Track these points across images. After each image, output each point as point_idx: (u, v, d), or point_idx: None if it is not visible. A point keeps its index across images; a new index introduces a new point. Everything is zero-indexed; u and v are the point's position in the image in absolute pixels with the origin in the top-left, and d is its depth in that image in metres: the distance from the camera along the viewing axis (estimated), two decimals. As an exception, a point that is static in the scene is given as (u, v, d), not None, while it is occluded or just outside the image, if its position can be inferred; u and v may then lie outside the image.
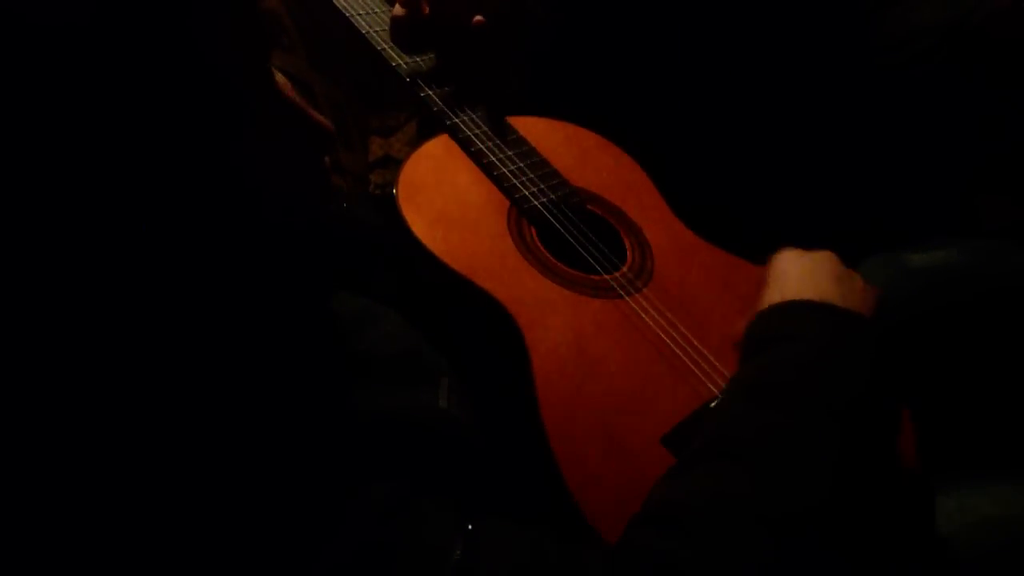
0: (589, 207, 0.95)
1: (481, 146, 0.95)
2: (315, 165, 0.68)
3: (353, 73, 1.10)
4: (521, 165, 0.94)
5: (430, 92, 0.98)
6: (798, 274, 0.74)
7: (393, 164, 1.09)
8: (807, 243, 0.80)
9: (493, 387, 0.82)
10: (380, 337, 0.77)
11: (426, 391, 0.74)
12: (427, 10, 0.97)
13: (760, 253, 0.84)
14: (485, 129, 0.97)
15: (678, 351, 0.82)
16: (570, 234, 0.90)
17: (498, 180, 0.92)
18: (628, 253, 0.91)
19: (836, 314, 0.70)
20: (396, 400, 0.71)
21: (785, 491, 0.58)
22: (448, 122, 0.96)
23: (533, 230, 0.90)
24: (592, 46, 1.10)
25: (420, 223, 0.86)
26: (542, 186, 0.93)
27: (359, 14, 1.01)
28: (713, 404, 0.76)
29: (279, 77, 0.64)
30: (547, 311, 0.83)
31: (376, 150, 1.12)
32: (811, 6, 1.05)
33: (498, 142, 0.96)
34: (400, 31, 0.98)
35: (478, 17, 0.96)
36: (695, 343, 0.83)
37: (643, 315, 0.84)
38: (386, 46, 0.99)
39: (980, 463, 0.83)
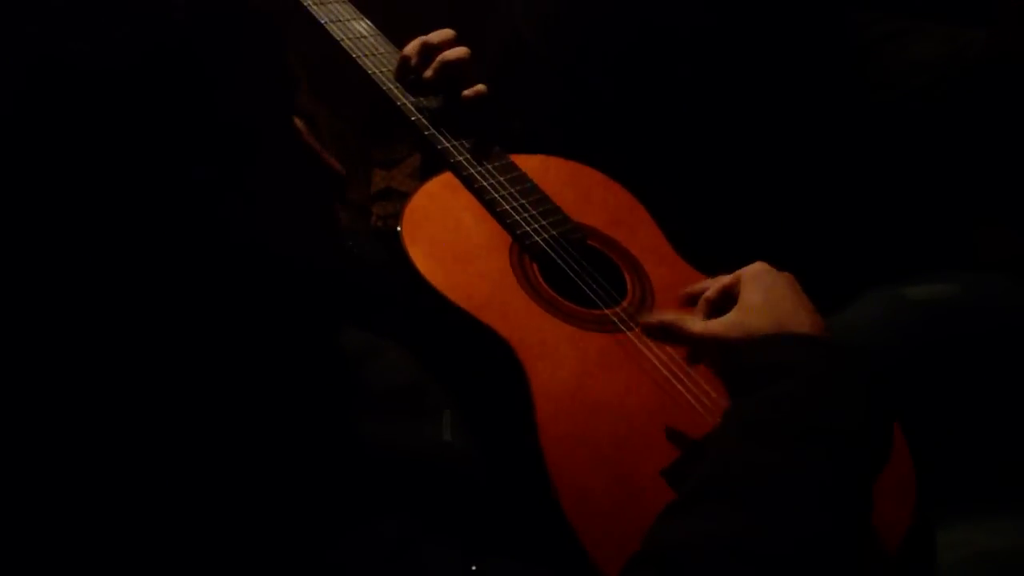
0: (590, 242, 0.97)
1: (484, 183, 0.97)
2: (325, 208, 0.70)
3: (356, 105, 1.13)
4: (523, 202, 0.96)
5: (434, 131, 1.00)
6: (788, 302, 0.75)
7: (396, 196, 1.11)
8: (807, 276, 0.81)
9: (495, 421, 0.84)
10: (383, 370, 0.79)
11: (429, 424, 0.75)
12: (431, 75, 0.99)
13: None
14: (488, 167, 0.99)
15: (678, 385, 0.83)
16: (571, 269, 0.92)
17: (500, 217, 0.95)
18: (628, 287, 0.93)
19: (831, 350, 0.71)
20: (399, 433, 0.72)
21: (779, 531, 0.59)
22: (452, 160, 0.98)
23: (535, 266, 0.92)
24: (595, 95, 1.13)
25: (423, 258, 0.88)
26: (544, 222, 0.95)
27: (364, 55, 1.04)
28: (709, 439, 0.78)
29: (297, 121, 0.66)
30: (549, 346, 0.84)
31: (379, 181, 1.14)
32: (809, 41, 1.07)
33: (500, 179, 0.98)
34: (406, 73, 1.01)
35: (478, 87, 0.98)
36: (694, 376, 0.84)
37: (643, 349, 0.86)
38: (391, 85, 1.02)
39: (978, 496, 0.84)
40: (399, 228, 0.91)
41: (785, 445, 0.63)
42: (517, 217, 0.95)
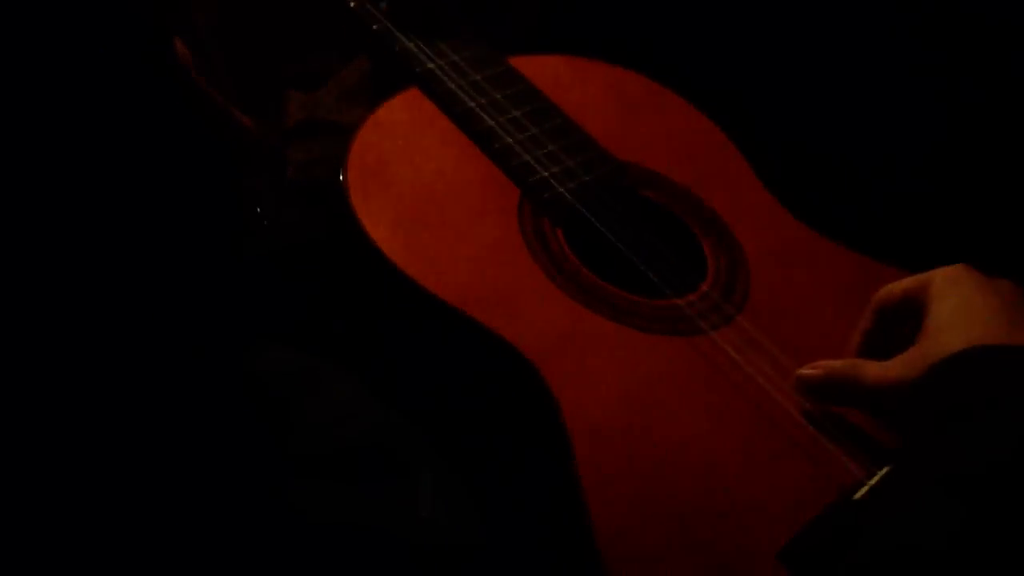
0: (644, 193, 0.98)
1: (471, 104, 0.98)
2: (228, 181, 0.73)
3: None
4: (536, 132, 0.97)
5: (388, 23, 1.02)
6: (1000, 317, 0.76)
7: (323, 131, 1.13)
8: (975, 255, 0.83)
9: (506, 483, 0.86)
10: (326, 414, 0.81)
11: (400, 492, 0.77)
12: None
13: (917, 262, 0.88)
14: (477, 78, 1.00)
15: (796, 415, 0.84)
16: (618, 236, 0.93)
17: (501, 156, 0.95)
18: (709, 263, 0.94)
19: None
20: (352, 507, 0.75)
21: None
22: (419, 69, 0.99)
23: (559, 232, 0.93)
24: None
25: (383, 228, 0.89)
26: (570, 164, 0.96)
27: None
28: (860, 497, 0.79)
29: (179, 47, 0.69)
30: (586, 357, 0.85)
31: (295, 111, 1.15)
32: None
33: (498, 97, 0.99)
34: None
35: None
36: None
37: (736, 359, 0.87)
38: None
39: None
40: (342, 177, 0.93)
41: (991, 505, 0.66)
42: (527, 156, 0.95)
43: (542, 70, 1.03)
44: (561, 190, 0.94)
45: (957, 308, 0.79)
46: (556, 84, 1.03)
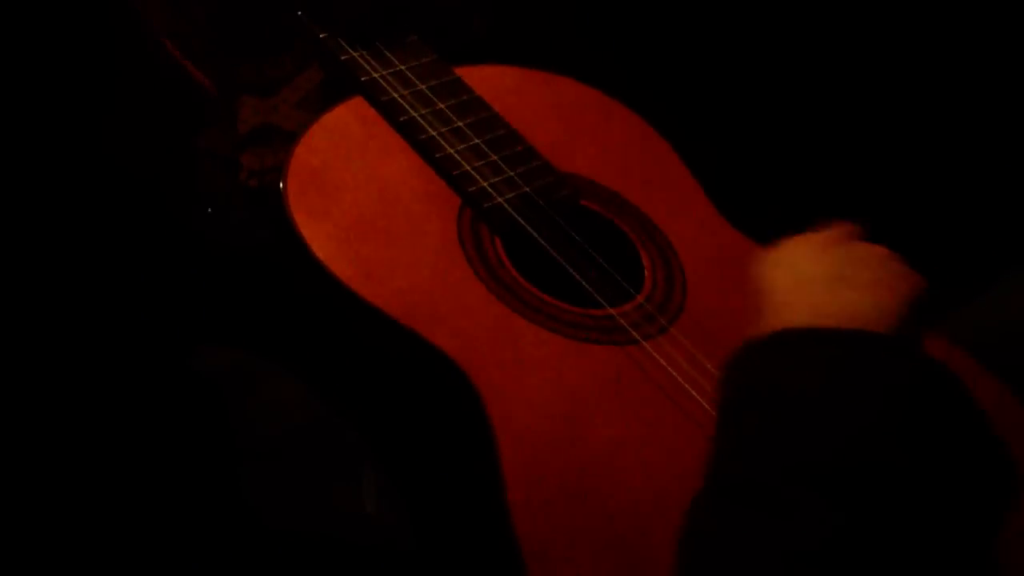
0: (585, 203, 0.98)
1: (415, 114, 0.98)
2: (181, 147, 0.73)
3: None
4: (479, 142, 0.98)
5: (335, 32, 1.01)
6: (786, 281, 0.76)
7: (278, 138, 1.13)
8: (925, 252, 0.84)
9: (441, 482, 0.86)
10: (266, 412, 0.81)
11: (343, 489, 0.78)
12: None
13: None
14: (422, 87, 1.00)
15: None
16: (556, 246, 0.94)
17: (442, 166, 0.96)
18: (647, 273, 0.95)
19: (831, 342, 0.71)
20: (295, 504, 0.75)
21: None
22: (364, 78, 0.99)
23: (498, 241, 0.93)
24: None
25: (322, 236, 0.89)
26: (511, 173, 0.96)
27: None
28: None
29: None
30: (520, 367, 0.85)
31: (249, 116, 1.15)
32: None
33: (442, 107, 0.99)
34: None
35: None
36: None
37: (668, 368, 0.88)
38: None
39: None
40: (283, 191, 0.92)
41: (765, 503, 0.66)
42: (468, 167, 0.96)
43: (488, 80, 1.04)
44: (500, 200, 0.95)
45: (777, 287, 0.78)
46: (501, 94, 1.03)
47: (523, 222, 0.94)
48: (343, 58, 1.01)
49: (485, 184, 0.95)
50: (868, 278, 0.76)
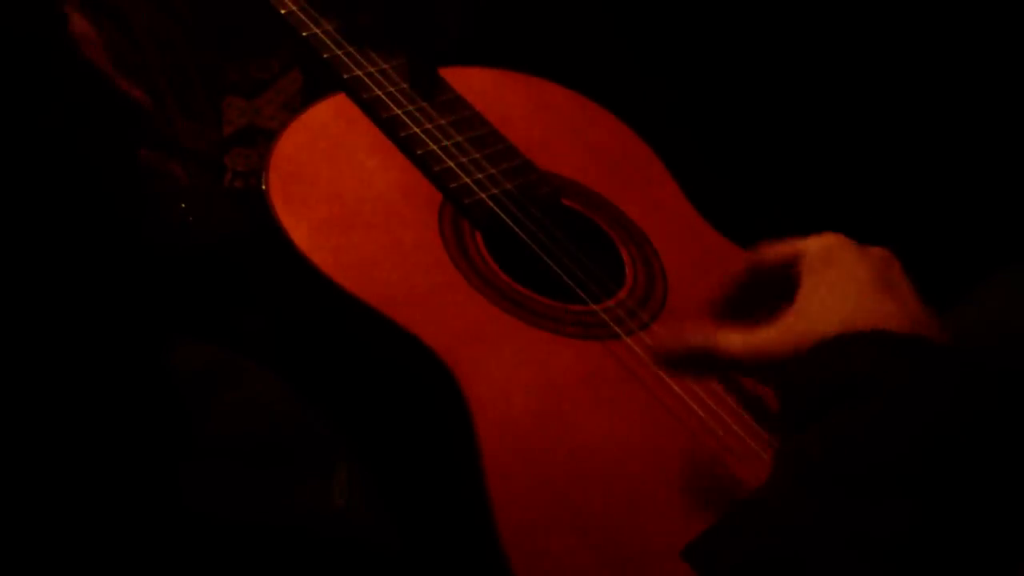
0: (566, 201, 0.98)
1: (398, 111, 0.97)
2: (123, 158, 0.72)
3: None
4: (460, 140, 0.97)
5: (317, 31, 1.01)
6: (872, 291, 0.76)
7: (262, 138, 1.13)
8: (909, 253, 0.84)
9: (418, 476, 0.85)
10: (241, 405, 0.80)
11: (314, 483, 0.77)
12: None
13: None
14: (405, 86, 1.00)
15: (704, 417, 0.85)
16: (537, 242, 0.93)
17: (424, 162, 0.95)
18: (627, 270, 0.94)
19: (922, 351, 0.72)
20: (269, 499, 0.74)
21: None
22: (347, 75, 0.99)
23: (479, 236, 0.93)
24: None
25: (304, 229, 0.88)
26: (492, 171, 0.96)
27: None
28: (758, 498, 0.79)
29: (78, 23, 0.68)
30: (501, 359, 0.85)
31: (235, 117, 1.15)
32: None
33: (424, 105, 0.99)
34: None
35: None
36: (731, 405, 0.86)
37: (649, 363, 0.86)
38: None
39: None
40: (264, 186, 0.91)
41: (853, 499, 0.66)
42: (450, 163, 0.96)
43: (470, 81, 1.04)
44: (482, 196, 0.95)
45: (830, 283, 0.77)
46: (483, 95, 1.03)
47: (504, 217, 0.94)
48: (326, 56, 1.00)
49: (467, 180, 0.95)
50: (908, 286, 0.78)
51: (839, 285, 0.77)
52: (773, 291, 0.80)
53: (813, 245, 0.80)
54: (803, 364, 0.74)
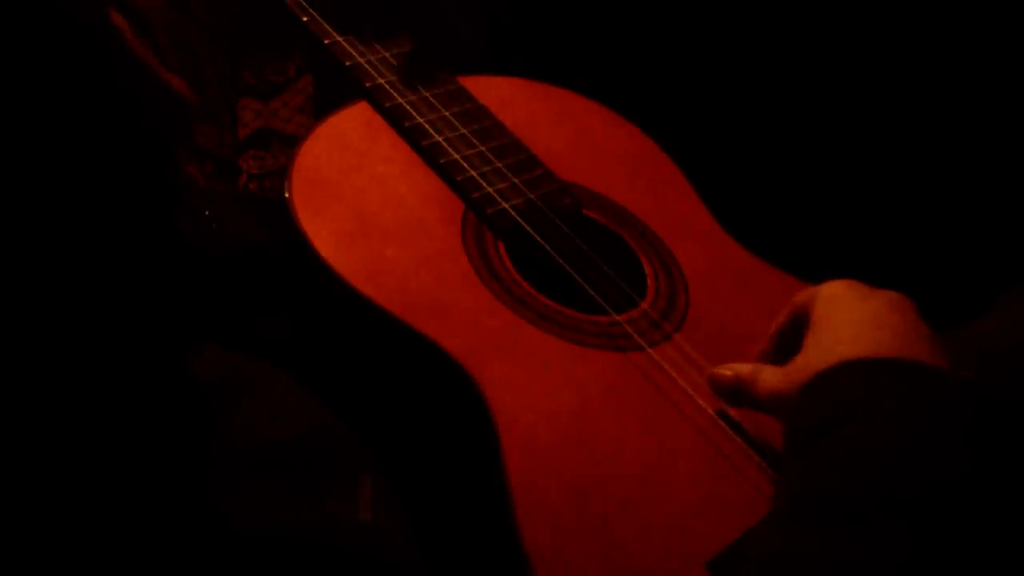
0: (587, 212, 0.97)
1: (421, 120, 0.97)
2: (167, 152, 0.71)
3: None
4: (483, 149, 0.97)
5: (340, 38, 1.01)
6: (882, 330, 0.76)
7: (279, 142, 1.12)
8: (928, 271, 0.83)
9: (442, 489, 0.84)
10: (262, 415, 0.79)
11: (337, 497, 0.76)
12: None
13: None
14: (427, 95, 1.00)
15: (726, 431, 0.84)
16: (559, 252, 0.93)
17: (446, 171, 0.95)
18: (650, 281, 0.94)
19: (916, 375, 0.71)
20: (291, 514, 0.73)
21: None
22: (370, 84, 0.99)
23: (501, 246, 0.92)
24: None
25: (327, 237, 0.88)
26: (515, 181, 0.96)
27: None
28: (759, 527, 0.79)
29: (116, 18, 0.67)
30: (525, 370, 0.84)
31: (250, 119, 1.15)
32: None
33: (446, 115, 0.99)
34: None
35: None
36: (752, 418, 0.85)
37: (672, 375, 0.87)
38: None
39: None
40: (287, 193, 0.91)
41: (843, 529, 0.65)
42: (473, 172, 0.95)
43: (491, 91, 1.03)
44: (505, 205, 0.94)
45: (834, 326, 0.78)
46: (504, 104, 1.02)
47: (527, 227, 0.93)
48: (349, 64, 1.00)
49: (490, 190, 0.95)
50: (917, 324, 0.78)
51: (842, 327, 0.78)
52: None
53: (824, 291, 0.82)
54: (799, 398, 0.75)
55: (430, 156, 0.96)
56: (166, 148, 0.71)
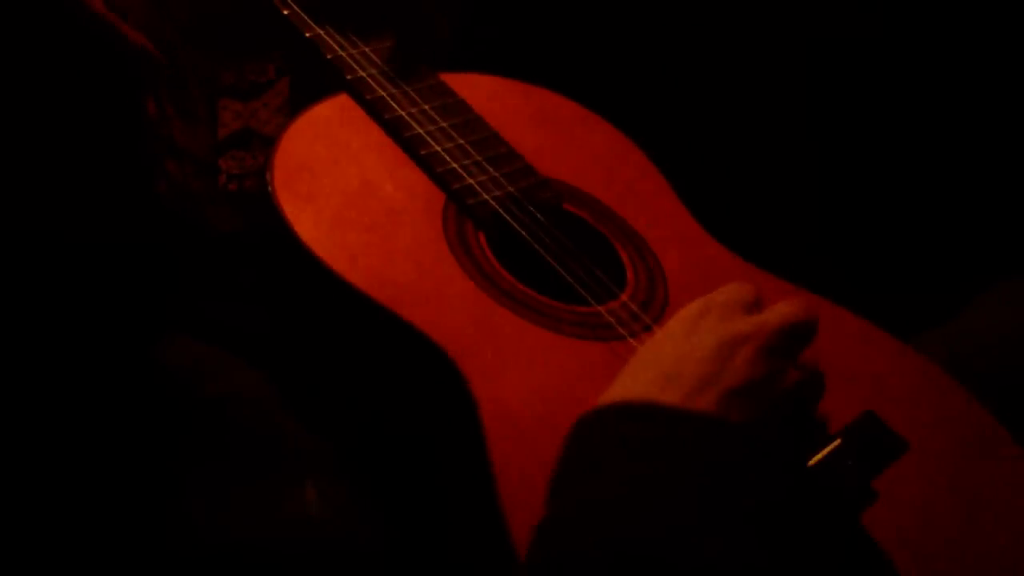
0: (567, 206, 0.98)
1: (402, 112, 0.97)
2: (127, 116, 0.70)
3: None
4: (462, 143, 0.97)
5: (321, 31, 1.01)
6: (644, 356, 0.75)
7: (258, 143, 1.12)
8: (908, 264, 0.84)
9: (421, 473, 0.84)
10: (222, 402, 0.79)
11: (288, 490, 0.76)
12: None
13: (838, 279, 0.88)
14: (407, 88, 1.00)
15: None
16: (540, 244, 0.93)
17: (428, 163, 0.95)
18: (628, 273, 0.94)
19: (667, 423, 0.69)
20: (239, 510, 0.73)
21: None
22: (351, 76, 0.99)
23: (482, 237, 0.92)
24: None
25: (309, 225, 0.88)
26: (496, 174, 0.96)
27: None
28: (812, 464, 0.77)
29: None
30: (507, 358, 0.84)
31: (230, 120, 1.14)
32: None
33: (427, 108, 0.99)
34: None
35: None
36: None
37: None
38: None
39: None
40: (270, 177, 0.90)
41: None
42: (454, 164, 0.95)
43: (471, 87, 1.03)
44: (486, 197, 0.94)
45: (633, 360, 0.77)
46: (485, 101, 1.03)
47: (508, 219, 0.93)
48: (330, 56, 1.00)
49: (471, 181, 0.95)
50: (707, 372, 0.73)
51: (628, 365, 0.77)
52: None
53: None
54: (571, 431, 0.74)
55: (411, 147, 0.96)
56: (133, 96, 0.69)
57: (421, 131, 0.97)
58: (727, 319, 0.75)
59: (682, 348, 0.74)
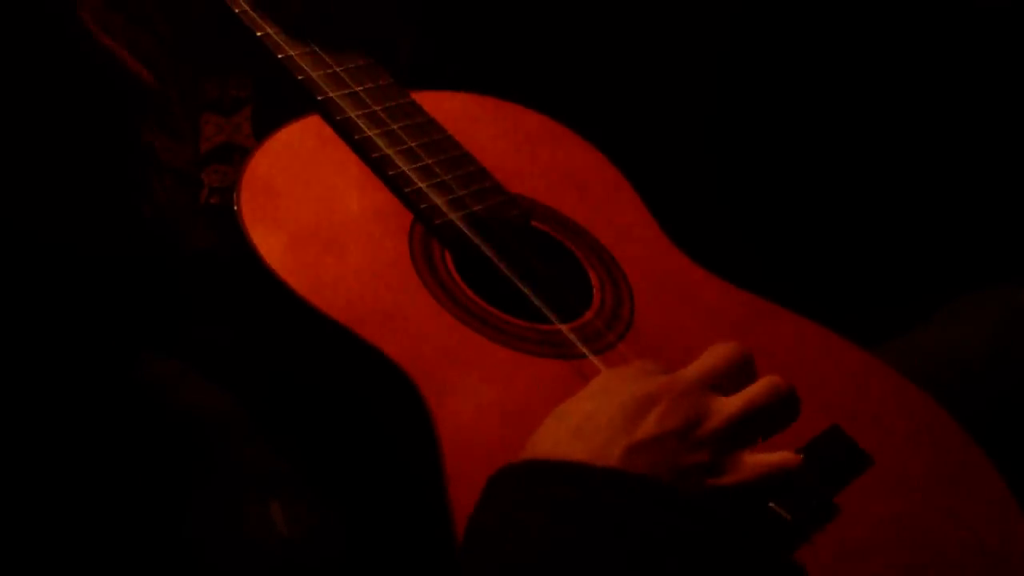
0: (535, 224, 0.98)
1: (371, 133, 0.97)
2: (123, 142, 0.71)
3: (177, 13, 1.14)
4: (430, 162, 0.97)
5: (292, 53, 1.01)
6: (560, 411, 0.75)
7: (239, 155, 1.12)
8: (875, 276, 0.84)
9: (379, 492, 0.84)
10: (182, 416, 0.80)
11: (256, 509, 0.76)
12: None
13: (807, 296, 0.88)
14: (377, 109, 1.00)
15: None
16: (505, 263, 0.92)
17: (395, 183, 0.95)
18: (595, 291, 0.94)
19: (576, 480, 0.69)
20: (207, 521, 0.73)
21: None
22: (321, 97, 0.98)
23: (448, 257, 0.92)
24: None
25: (275, 246, 0.88)
26: (462, 192, 0.96)
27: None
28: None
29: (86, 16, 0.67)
30: (468, 377, 0.84)
31: (212, 134, 1.14)
32: None
33: (396, 128, 0.98)
34: None
35: None
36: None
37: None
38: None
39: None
40: (235, 203, 0.90)
41: None
42: (421, 184, 0.95)
43: (442, 105, 1.03)
44: (452, 216, 0.94)
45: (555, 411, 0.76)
46: (454, 119, 1.02)
47: (473, 238, 0.93)
48: (301, 77, 1.00)
49: (438, 201, 0.95)
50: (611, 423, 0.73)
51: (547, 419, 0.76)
52: None
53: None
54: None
55: (379, 168, 0.96)
56: (126, 118, 0.70)
57: (389, 151, 0.97)
58: (644, 378, 0.76)
59: (597, 403, 0.74)
